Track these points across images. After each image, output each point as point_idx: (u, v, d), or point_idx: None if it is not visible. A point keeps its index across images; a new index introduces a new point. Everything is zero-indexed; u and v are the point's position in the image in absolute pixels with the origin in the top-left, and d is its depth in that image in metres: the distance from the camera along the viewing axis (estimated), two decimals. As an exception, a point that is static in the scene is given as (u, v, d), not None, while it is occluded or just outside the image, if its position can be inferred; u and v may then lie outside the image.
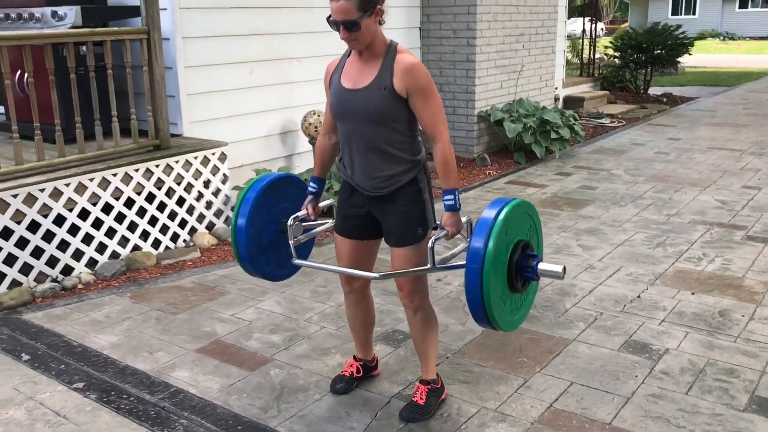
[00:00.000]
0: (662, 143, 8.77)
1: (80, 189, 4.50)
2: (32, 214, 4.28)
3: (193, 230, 5.24)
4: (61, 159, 4.52)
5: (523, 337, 3.67)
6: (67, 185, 4.43)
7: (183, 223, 5.17)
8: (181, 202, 5.13)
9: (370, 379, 3.25)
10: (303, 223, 3.04)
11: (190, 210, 5.21)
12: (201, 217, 5.29)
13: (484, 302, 2.49)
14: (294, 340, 3.66)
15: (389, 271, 2.88)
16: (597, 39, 13.33)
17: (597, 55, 13.49)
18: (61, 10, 5.00)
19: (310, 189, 3.02)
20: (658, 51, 12.94)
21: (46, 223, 4.36)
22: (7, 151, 4.79)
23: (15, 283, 4.27)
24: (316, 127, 6.25)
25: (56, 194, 4.39)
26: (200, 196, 5.26)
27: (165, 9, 5.42)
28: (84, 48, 4.82)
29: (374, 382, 3.24)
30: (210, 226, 5.36)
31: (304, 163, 6.63)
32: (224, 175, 5.41)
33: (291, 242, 3.00)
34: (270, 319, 3.91)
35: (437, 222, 2.87)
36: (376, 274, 2.86)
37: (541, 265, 2.65)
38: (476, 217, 2.56)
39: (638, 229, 5.39)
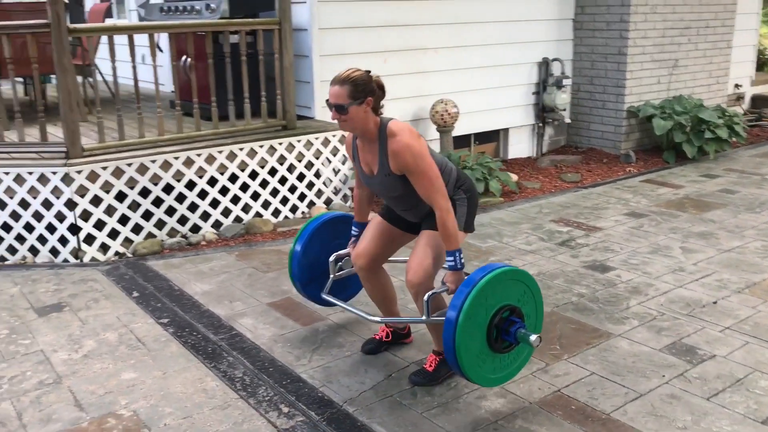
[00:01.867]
0: None
1: (210, 159, 5.20)
2: (167, 178, 5.04)
3: (311, 204, 5.78)
4: (197, 132, 5.24)
5: (568, 326, 3.72)
6: (198, 155, 5.13)
7: (302, 197, 5.72)
8: (301, 177, 5.68)
9: (401, 345, 3.52)
10: (346, 260, 3.47)
11: (310, 185, 5.74)
12: (319, 193, 5.81)
13: (456, 356, 2.72)
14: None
15: (390, 318, 3.37)
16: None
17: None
18: (213, 2, 5.74)
19: (352, 232, 3.38)
20: None
21: (179, 187, 5.10)
22: (168, 124, 5.62)
23: (149, 236, 5.06)
24: (442, 115, 6.52)
25: (188, 162, 5.10)
26: (319, 173, 5.77)
27: (304, 2, 6.00)
28: (235, 36, 5.51)
29: (404, 348, 3.50)
30: (327, 201, 5.86)
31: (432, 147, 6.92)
32: (344, 156, 5.88)
33: (331, 276, 3.41)
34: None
35: (472, 229, 3.19)
36: (377, 319, 3.27)
37: (520, 332, 2.81)
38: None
39: (759, 237, 5.05)
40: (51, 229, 4.78)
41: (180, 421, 2.94)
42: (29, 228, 4.80)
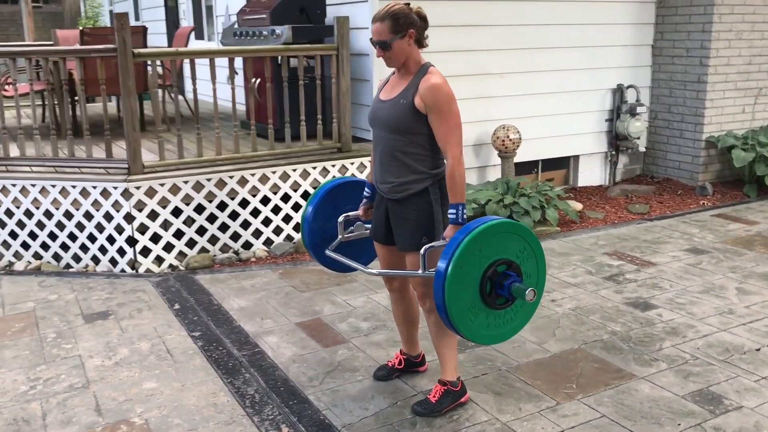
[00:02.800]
0: None
1: (263, 179, 5.38)
2: (221, 195, 5.25)
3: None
4: (252, 152, 5.44)
5: (590, 365, 3.61)
6: (252, 175, 5.33)
7: (355, 218, 5.81)
8: (354, 199, 5.77)
9: (414, 374, 3.52)
10: (358, 224, 3.44)
11: (363, 207, 5.83)
12: (372, 215, 5.88)
13: (445, 306, 2.69)
14: (377, 330, 4.05)
15: (385, 270, 3.23)
16: None
17: None
18: (279, 29, 5.96)
19: (364, 193, 3.40)
20: None
21: (233, 204, 5.31)
22: (232, 143, 5.87)
23: (203, 250, 5.28)
24: (503, 141, 6.47)
25: (242, 181, 5.31)
26: (373, 195, 5.85)
27: (366, 28, 6.12)
28: (295, 60, 5.71)
29: (416, 376, 3.50)
30: (381, 224, 5.93)
31: (494, 175, 6.87)
32: (398, 179, 5.93)
33: (339, 236, 3.43)
34: (370, 309, 4.34)
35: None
36: (374, 270, 3.18)
37: (514, 286, 2.75)
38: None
39: (828, 280, 4.71)
40: (111, 240, 5.08)
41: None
42: (92, 238, 5.12)
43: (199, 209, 5.24)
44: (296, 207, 5.58)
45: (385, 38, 2.91)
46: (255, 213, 5.43)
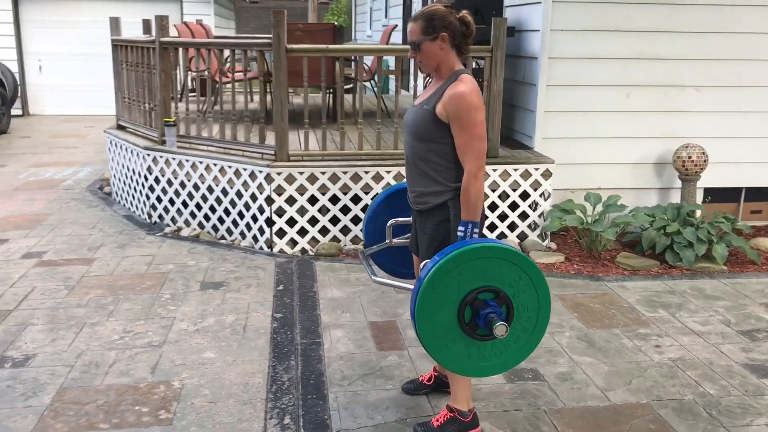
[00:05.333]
0: None
1: (399, 177, 5.45)
2: (356, 189, 5.43)
3: (501, 236, 5.65)
4: (393, 150, 5.52)
5: (645, 425, 3.15)
6: (388, 172, 5.42)
7: (492, 227, 5.62)
8: (493, 207, 5.59)
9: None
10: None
11: (503, 217, 5.62)
12: (513, 226, 5.65)
13: (416, 327, 2.58)
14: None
15: (387, 281, 3.16)
16: None
17: None
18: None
19: None
20: None
21: (366, 199, 5.46)
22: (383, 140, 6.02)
23: (334, 239, 5.52)
24: (684, 162, 5.78)
25: (377, 177, 5.41)
26: (515, 206, 5.61)
27: (537, 30, 5.86)
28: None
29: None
30: (522, 236, 5.67)
31: (676, 198, 6.16)
32: (546, 191, 5.61)
33: (386, 241, 3.40)
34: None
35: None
36: (378, 278, 3.14)
37: (489, 316, 2.52)
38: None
39: None
40: (254, 218, 5.53)
41: (203, 404, 3.29)
42: (241, 215, 5.62)
43: (334, 200, 5.46)
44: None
45: (415, 38, 2.83)
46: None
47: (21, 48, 13.11)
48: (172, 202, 6.05)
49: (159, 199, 6.14)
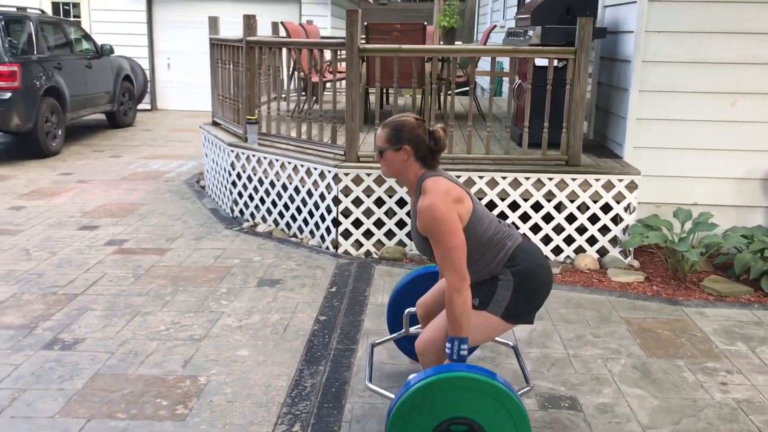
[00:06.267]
0: None
1: (469, 182, 5.24)
2: (425, 193, 5.27)
3: (579, 250, 5.30)
4: (482, 155, 5.32)
5: (681, 473, 2.81)
6: (480, 177, 5.20)
7: (570, 240, 5.29)
8: (571, 219, 5.26)
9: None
10: None
11: (581, 230, 5.28)
12: (592, 240, 5.29)
13: None
14: (480, 363, 3.72)
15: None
16: None
17: None
18: (532, 30, 5.66)
19: None
20: None
21: (435, 204, 5.29)
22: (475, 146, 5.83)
23: (400, 243, 5.39)
24: (792, 178, 5.18)
25: (469, 183, 5.22)
26: (595, 218, 5.25)
27: (630, 32, 5.46)
28: (540, 62, 5.41)
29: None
30: (602, 252, 5.30)
31: (784, 219, 5.55)
32: (630, 204, 5.21)
33: (403, 330, 3.32)
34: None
35: (522, 321, 2.81)
36: (370, 384, 3.03)
37: None
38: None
39: None
40: (323, 218, 5.51)
41: (221, 403, 3.28)
42: (311, 214, 5.62)
43: (401, 203, 5.34)
44: (501, 216, 5.31)
45: (380, 144, 2.79)
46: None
47: (152, 46, 13.93)
48: (251, 198, 6.16)
49: (240, 195, 6.27)
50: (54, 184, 7.64)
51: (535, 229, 5.31)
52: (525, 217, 5.31)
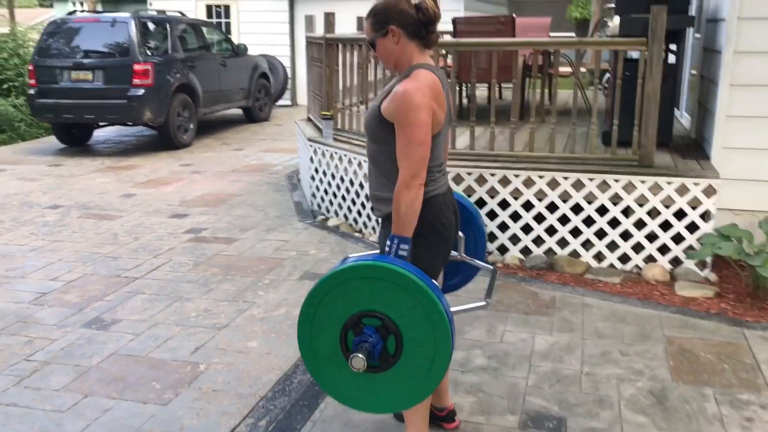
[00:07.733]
0: None
1: (528, 182, 4.97)
2: (504, 193, 5.03)
3: (649, 259, 4.85)
4: (545, 153, 5.05)
5: None
6: (541, 177, 4.93)
7: (638, 248, 4.86)
8: (640, 225, 4.83)
9: (437, 428, 3.03)
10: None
11: (651, 237, 4.83)
12: (664, 249, 4.82)
13: (299, 347, 2.40)
14: (485, 371, 3.53)
15: None
16: None
17: None
18: (612, 20, 5.26)
19: None
20: None
21: (492, 204, 5.08)
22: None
23: (456, 243, 5.23)
24: None
25: (528, 182, 4.95)
26: (668, 225, 4.78)
27: (722, 19, 4.92)
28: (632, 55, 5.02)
29: (433, 428, 3.02)
30: (674, 261, 4.81)
31: None
32: (707, 210, 4.68)
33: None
34: (518, 348, 3.76)
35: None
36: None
37: (360, 346, 2.21)
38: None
39: None
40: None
41: (208, 391, 3.38)
42: (373, 210, 5.61)
43: (480, 203, 5.12)
44: (563, 219, 4.98)
45: (368, 36, 2.60)
46: (515, 217, 5.08)
47: (293, 44, 14.52)
48: (326, 192, 6.26)
49: (317, 188, 6.40)
50: (171, 174, 8.22)
51: (600, 234, 4.92)
52: (589, 221, 4.94)
